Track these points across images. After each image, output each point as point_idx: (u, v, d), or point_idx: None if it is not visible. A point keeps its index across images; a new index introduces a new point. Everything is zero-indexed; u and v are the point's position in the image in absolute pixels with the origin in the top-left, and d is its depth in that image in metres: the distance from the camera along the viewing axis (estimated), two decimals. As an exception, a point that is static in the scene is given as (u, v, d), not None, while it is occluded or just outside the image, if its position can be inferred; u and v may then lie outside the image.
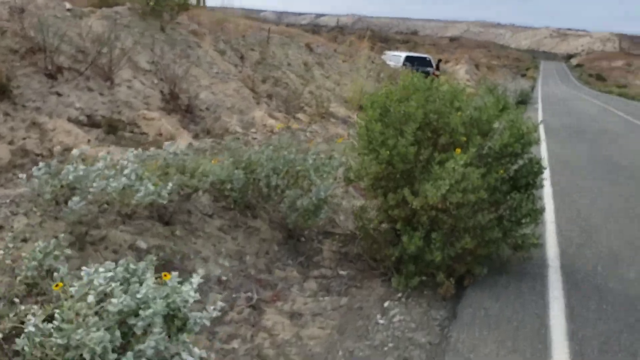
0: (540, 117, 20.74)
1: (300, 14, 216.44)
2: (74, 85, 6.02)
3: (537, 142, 5.45)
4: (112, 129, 5.89)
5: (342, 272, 5.32)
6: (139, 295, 2.65)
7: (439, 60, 29.56)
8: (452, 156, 4.65)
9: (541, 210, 5.28)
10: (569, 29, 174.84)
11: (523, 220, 5.20)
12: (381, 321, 4.38)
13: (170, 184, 4.03)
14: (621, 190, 8.95)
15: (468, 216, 4.76)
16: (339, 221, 6.47)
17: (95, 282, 2.64)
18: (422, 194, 4.65)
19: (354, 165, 5.47)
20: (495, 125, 5.35)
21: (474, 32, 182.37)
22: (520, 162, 5.38)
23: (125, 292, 2.74)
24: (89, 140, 5.43)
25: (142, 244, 4.41)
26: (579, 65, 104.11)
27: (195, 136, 6.83)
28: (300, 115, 9.86)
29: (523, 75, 54.82)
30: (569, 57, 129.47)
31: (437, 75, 23.52)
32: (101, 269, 2.75)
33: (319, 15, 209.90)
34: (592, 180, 9.63)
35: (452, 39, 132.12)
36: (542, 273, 5.33)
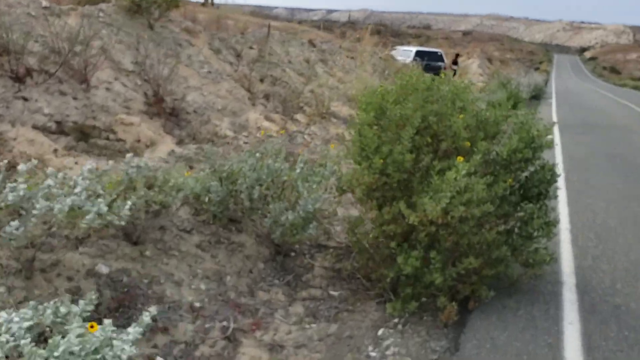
0: (554, 112, 20.17)
1: (311, 10, 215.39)
2: (43, 89, 5.55)
3: (551, 145, 4.91)
4: (84, 136, 5.42)
5: (333, 293, 4.81)
6: (56, 353, 2.16)
7: (457, 55, 28.46)
8: (453, 164, 4.11)
9: (555, 223, 4.72)
10: (583, 22, 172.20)
11: (535, 234, 4.65)
12: (373, 354, 3.86)
13: (129, 203, 3.53)
14: (638, 192, 8.36)
15: (472, 232, 4.23)
16: (334, 232, 5.95)
17: (3, 338, 2.15)
18: (420, 208, 4.12)
19: (345, 174, 4.95)
20: (504, 126, 4.81)
21: (487, 25, 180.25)
22: (532, 168, 4.84)
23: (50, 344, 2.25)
24: (55, 150, 4.95)
25: (103, 269, 3.92)
26: (592, 58, 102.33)
27: (180, 142, 6.34)
28: (298, 116, 9.34)
29: (536, 69, 53.74)
30: (583, 50, 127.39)
31: (454, 71, 22.88)
32: (16, 318, 2.26)
33: (330, 11, 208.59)
34: (607, 180, 9.10)
35: (465, 33, 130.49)
36: (555, 292, 4.79)
